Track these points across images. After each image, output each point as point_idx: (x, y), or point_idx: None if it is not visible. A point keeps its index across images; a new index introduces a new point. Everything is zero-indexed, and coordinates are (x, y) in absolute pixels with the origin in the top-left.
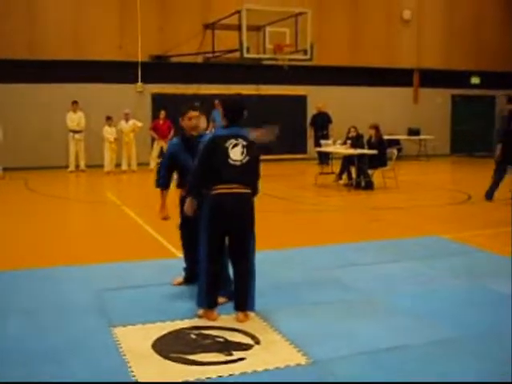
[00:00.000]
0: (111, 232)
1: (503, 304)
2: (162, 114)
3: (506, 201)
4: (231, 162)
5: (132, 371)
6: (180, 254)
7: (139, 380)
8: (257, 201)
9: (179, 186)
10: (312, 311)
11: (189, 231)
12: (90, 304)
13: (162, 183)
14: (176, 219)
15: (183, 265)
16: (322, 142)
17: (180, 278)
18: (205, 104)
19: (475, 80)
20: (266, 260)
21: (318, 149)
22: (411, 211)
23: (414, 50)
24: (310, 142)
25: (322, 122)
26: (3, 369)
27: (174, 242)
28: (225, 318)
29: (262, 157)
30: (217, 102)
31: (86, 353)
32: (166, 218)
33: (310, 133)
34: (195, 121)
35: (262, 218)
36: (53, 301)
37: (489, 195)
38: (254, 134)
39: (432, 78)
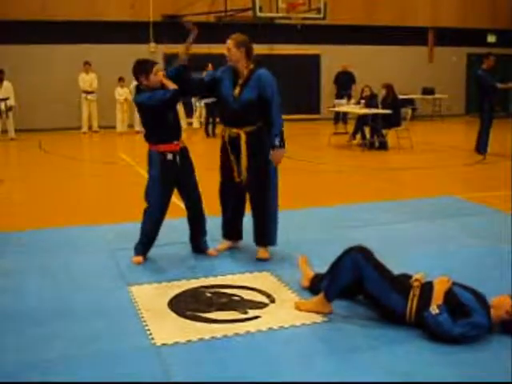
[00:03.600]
0: (125, 192)
1: None
2: None
3: None
4: None
5: (148, 329)
6: None
7: (155, 336)
8: None
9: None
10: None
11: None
12: (105, 263)
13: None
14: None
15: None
16: (336, 101)
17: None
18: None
19: (491, 38)
20: (283, 219)
21: (331, 109)
22: (426, 171)
23: (429, 8)
24: (332, 99)
25: (345, 81)
26: (25, 326)
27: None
28: (240, 277)
29: None
30: None
31: (104, 311)
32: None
33: (334, 90)
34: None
35: None
36: (69, 259)
37: None
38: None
39: (447, 37)
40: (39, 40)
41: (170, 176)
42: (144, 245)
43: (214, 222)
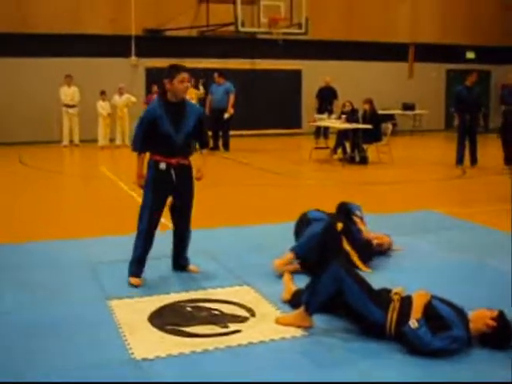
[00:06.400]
0: (106, 206)
1: (500, 279)
2: (155, 88)
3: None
4: None
5: (128, 343)
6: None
7: (135, 351)
8: (251, 175)
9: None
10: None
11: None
12: (85, 277)
13: (139, 147)
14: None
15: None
16: (317, 116)
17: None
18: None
19: (470, 55)
20: (263, 233)
21: (312, 123)
22: (405, 186)
23: (410, 25)
24: (313, 114)
25: (328, 96)
26: (5, 341)
27: (167, 216)
28: (221, 291)
29: (256, 131)
30: (216, 74)
31: (84, 325)
32: (142, 187)
33: (315, 105)
34: (187, 83)
35: (256, 192)
36: (49, 274)
37: None
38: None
39: (427, 53)
40: (20, 53)
41: (163, 186)
42: (133, 263)
43: (196, 235)
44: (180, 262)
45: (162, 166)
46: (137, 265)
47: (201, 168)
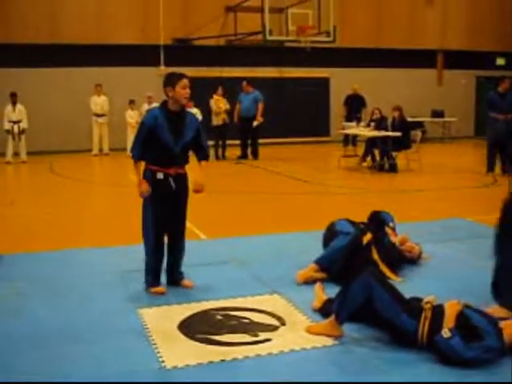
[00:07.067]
0: (135, 214)
1: None
2: None
3: None
4: None
5: (158, 352)
6: (203, 236)
7: (165, 359)
8: (280, 183)
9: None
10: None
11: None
12: (115, 285)
13: (136, 154)
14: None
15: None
16: (345, 124)
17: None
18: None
19: (500, 61)
20: (293, 241)
21: (341, 131)
22: (436, 193)
23: (439, 31)
24: (340, 122)
25: (356, 104)
26: (32, 348)
27: (198, 224)
28: (251, 299)
29: (284, 139)
30: (245, 83)
31: (113, 333)
32: (144, 195)
33: (343, 113)
34: (189, 89)
35: (285, 200)
36: (78, 282)
37: None
38: None
39: (456, 60)
40: (51, 63)
41: (162, 195)
42: (148, 275)
43: (225, 243)
44: (174, 275)
45: (160, 175)
46: (153, 276)
47: (198, 179)
